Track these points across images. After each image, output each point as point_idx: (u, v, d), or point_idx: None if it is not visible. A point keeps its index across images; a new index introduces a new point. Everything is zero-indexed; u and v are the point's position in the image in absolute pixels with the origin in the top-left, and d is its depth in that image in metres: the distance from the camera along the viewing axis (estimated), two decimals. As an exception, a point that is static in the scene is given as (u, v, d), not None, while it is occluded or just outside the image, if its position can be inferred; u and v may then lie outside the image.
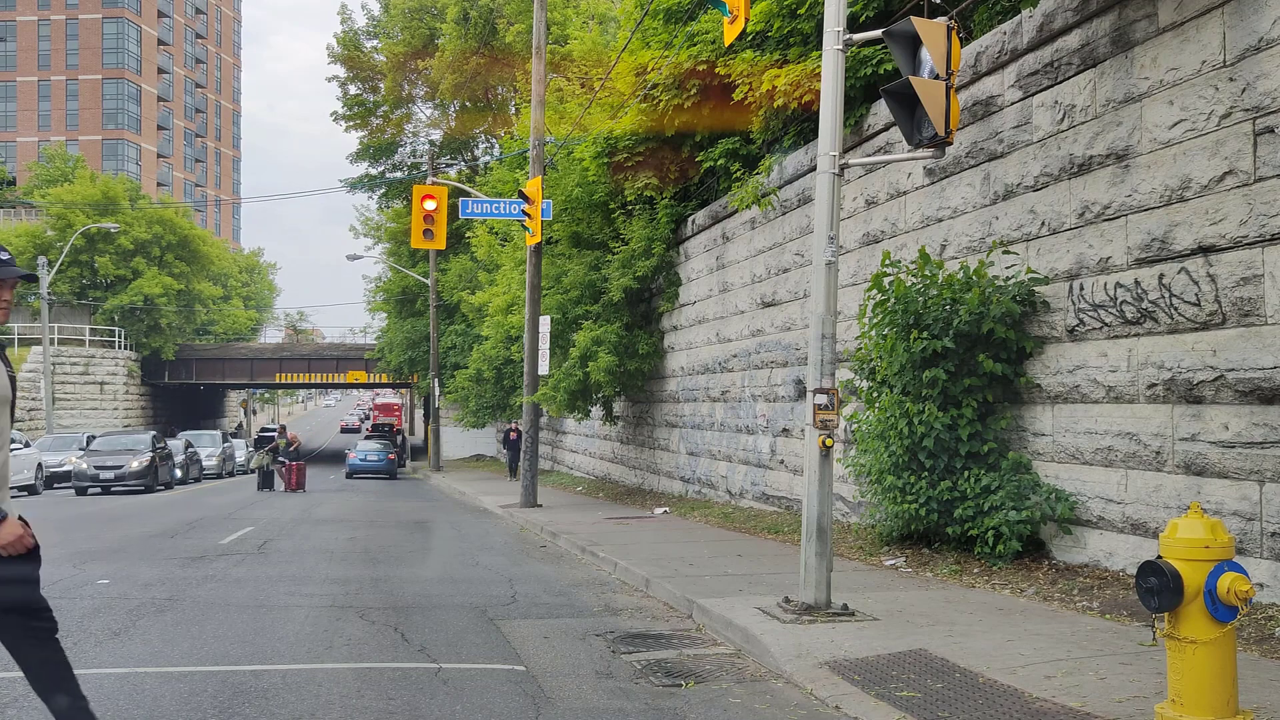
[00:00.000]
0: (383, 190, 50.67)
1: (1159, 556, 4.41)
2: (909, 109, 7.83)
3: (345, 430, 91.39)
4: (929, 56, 7.58)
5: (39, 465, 27.97)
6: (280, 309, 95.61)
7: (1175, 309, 7.99)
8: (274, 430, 67.84)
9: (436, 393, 39.43)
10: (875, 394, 10.85)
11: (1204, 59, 7.75)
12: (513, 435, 30.97)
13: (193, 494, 27.25)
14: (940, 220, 11.31)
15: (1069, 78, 9.28)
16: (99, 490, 26.98)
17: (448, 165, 48.46)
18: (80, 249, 49.96)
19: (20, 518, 4.16)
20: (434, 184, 28.32)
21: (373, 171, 50.70)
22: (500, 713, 5.62)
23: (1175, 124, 8.01)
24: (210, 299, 60.32)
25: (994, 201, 10.36)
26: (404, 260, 48.30)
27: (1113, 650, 6.43)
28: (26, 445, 28.51)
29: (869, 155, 12.49)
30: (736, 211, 16.84)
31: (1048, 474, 9.46)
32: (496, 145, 44.79)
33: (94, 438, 31.57)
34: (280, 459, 28.62)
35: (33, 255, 47.88)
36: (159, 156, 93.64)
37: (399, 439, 52.68)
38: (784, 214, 15.32)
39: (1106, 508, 8.75)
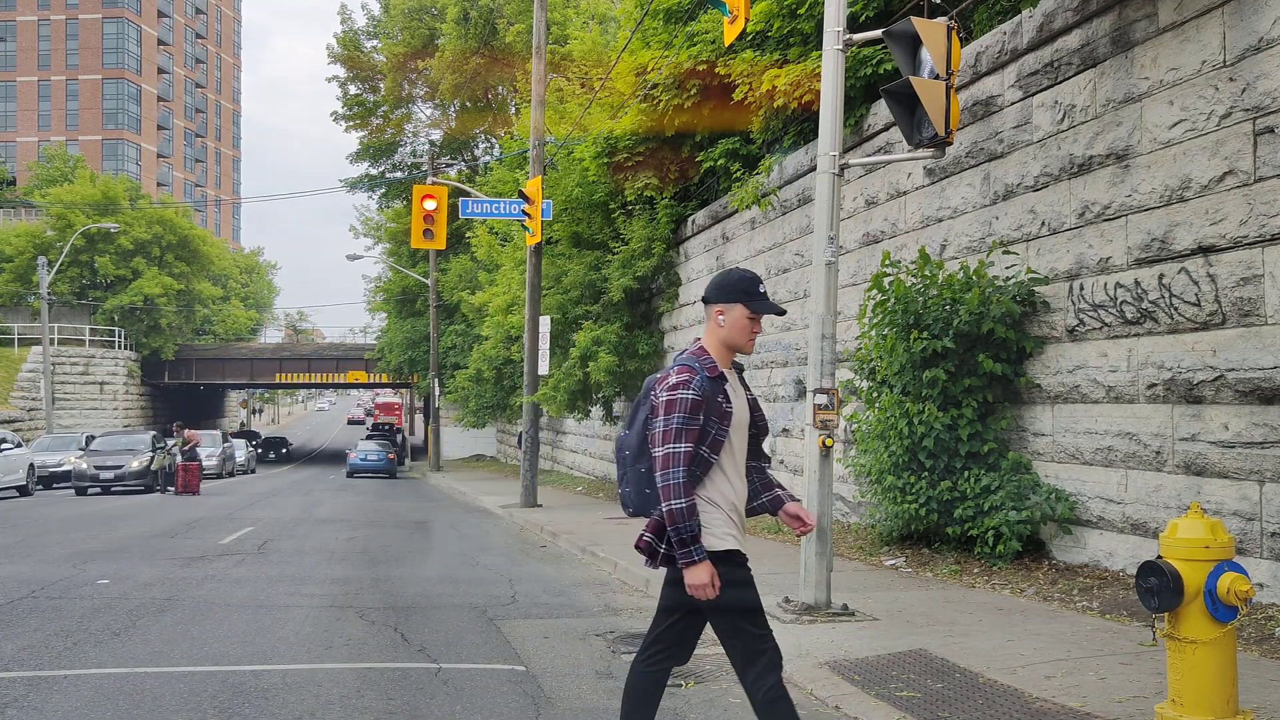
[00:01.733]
0: (383, 190, 50.67)
1: (1159, 556, 4.41)
2: (909, 109, 7.83)
3: (352, 423, 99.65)
4: (929, 56, 7.58)
5: (30, 465, 27.92)
6: (280, 309, 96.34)
7: (1175, 309, 7.99)
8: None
9: (436, 393, 39.41)
10: (875, 394, 10.84)
11: (1204, 59, 7.75)
12: None
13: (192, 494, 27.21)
14: (940, 220, 11.31)
15: (1069, 78, 9.27)
16: (99, 490, 26.97)
17: (448, 165, 48.44)
18: (80, 249, 49.93)
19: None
20: (434, 184, 28.32)
21: (373, 171, 50.70)
22: (500, 713, 5.62)
23: (1175, 124, 8.01)
24: (210, 299, 60.29)
25: (994, 201, 10.35)
26: (404, 260, 48.29)
27: (1113, 650, 6.43)
28: (19, 445, 28.48)
29: (869, 155, 12.49)
30: (736, 211, 16.84)
31: (1048, 474, 9.46)
32: (496, 145, 44.77)
33: (94, 438, 31.57)
34: (177, 459, 26.47)
35: (33, 255, 47.90)
36: (159, 156, 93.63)
37: (399, 439, 52.71)
38: (784, 214, 15.31)
39: (1106, 508, 8.75)
